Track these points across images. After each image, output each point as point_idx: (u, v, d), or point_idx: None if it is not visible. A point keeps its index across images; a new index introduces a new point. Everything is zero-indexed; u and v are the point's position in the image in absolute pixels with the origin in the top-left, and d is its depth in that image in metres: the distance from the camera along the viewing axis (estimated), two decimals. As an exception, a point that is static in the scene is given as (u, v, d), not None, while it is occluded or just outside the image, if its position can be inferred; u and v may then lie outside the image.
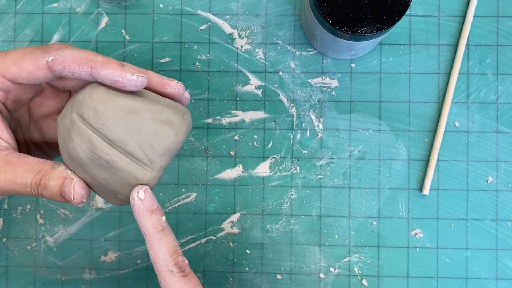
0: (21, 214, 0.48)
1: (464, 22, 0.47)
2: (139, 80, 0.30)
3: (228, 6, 0.48)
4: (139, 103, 0.30)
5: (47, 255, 0.48)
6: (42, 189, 0.31)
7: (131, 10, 0.48)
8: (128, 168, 0.30)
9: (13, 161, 0.31)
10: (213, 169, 0.48)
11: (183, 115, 0.32)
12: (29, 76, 0.32)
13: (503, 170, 0.46)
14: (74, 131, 0.30)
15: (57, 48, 0.31)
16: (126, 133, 0.30)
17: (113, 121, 0.30)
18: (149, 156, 0.30)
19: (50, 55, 0.31)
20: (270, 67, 0.47)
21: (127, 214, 0.48)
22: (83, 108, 0.30)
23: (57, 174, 0.31)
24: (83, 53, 0.31)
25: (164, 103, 0.31)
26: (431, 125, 0.47)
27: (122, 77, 0.30)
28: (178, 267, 0.31)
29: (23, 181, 0.31)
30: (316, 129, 0.47)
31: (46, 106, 0.36)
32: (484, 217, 0.46)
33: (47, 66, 0.31)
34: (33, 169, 0.31)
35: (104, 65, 0.30)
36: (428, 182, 0.46)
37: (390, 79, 0.47)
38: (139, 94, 0.31)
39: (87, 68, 0.31)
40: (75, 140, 0.30)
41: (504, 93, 0.47)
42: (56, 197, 0.31)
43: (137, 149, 0.30)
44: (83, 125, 0.30)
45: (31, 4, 0.48)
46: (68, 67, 0.31)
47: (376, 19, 0.38)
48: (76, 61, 0.31)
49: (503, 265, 0.46)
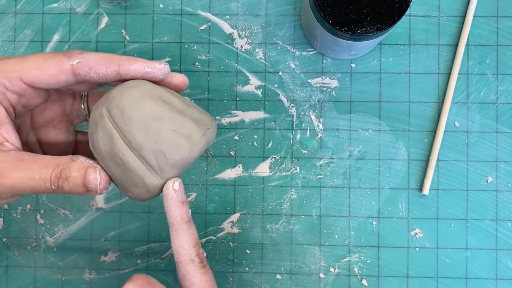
0: (21, 214, 0.48)
1: (464, 22, 0.47)
2: (166, 67, 0.33)
3: (228, 6, 0.48)
4: (164, 111, 0.31)
5: (47, 255, 0.48)
6: (63, 182, 0.31)
7: (131, 10, 0.48)
8: (138, 172, 0.31)
9: (26, 158, 0.31)
10: (213, 169, 0.48)
11: (205, 130, 0.32)
12: (50, 80, 0.32)
13: (503, 170, 0.46)
14: (100, 124, 0.32)
15: (80, 53, 0.32)
16: (144, 138, 0.31)
17: (135, 124, 0.31)
18: (160, 165, 0.31)
19: (74, 58, 0.32)
20: (270, 67, 0.47)
21: (127, 214, 0.48)
22: (112, 105, 0.31)
23: (78, 165, 0.31)
24: (106, 54, 0.32)
25: (191, 114, 0.32)
26: (431, 125, 0.47)
27: (152, 67, 0.32)
28: (199, 257, 0.33)
29: (42, 176, 0.31)
30: (316, 129, 0.47)
31: (50, 111, 0.36)
32: (484, 217, 0.46)
33: (72, 69, 0.32)
34: (50, 164, 0.31)
35: (131, 61, 0.32)
36: (428, 182, 0.46)
37: (390, 79, 0.47)
38: (169, 101, 0.32)
39: (114, 67, 0.32)
40: (99, 133, 0.32)
41: (504, 93, 0.47)
42: (78, 188, 0.31)
43: (151, 156, 0.31)
44: (108, 122, 0.31)
45: (31, 4, 0.48)
46: (94, 68, 0.32)
47: (376, 19, 0.38)
48: (102, 62, 0.32)
49: (503, 265, 0.46)
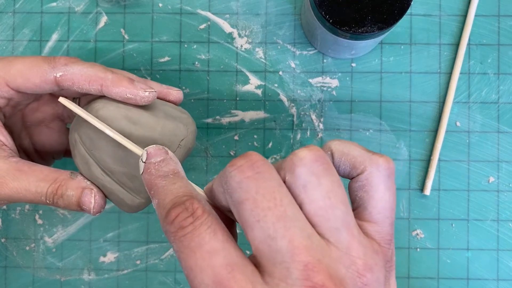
0: (20, 215, 0.48)
1: (465, 22, 0.46)
2: (151, 95, 0.31)
3: (228, 5, 0.47)
4: (133, 132, 0.30)
5: (46, 255, 0.48)
6: (58, 198, 0.31)
7: (130, 9, 0.48)
8: (118, 194, 0.31)
9: (24, 169, 0.31)
10: (213, 169, 0.47)
11: (179, 142, 0.32)
12: (35, 88, 0.31)
13: (505, 170, 0.46)
14: (76, 149, 0.32)
15: (64, 63, 0.31)
16: (116, 165, 0.31)
17: (104, 152, 0.30)
18: (136, 186, 0.31)
19: (58, 70, 0.31)
20: (270, 67, 0.47)
21: (126, 214, 0.47)
22: (81, 132, 0.31)
23: (76, 184, 0.31)
24: (92, 69, 0.31)
25: (162, 128, 0.31)
26: (432, 125, 0.47)
27: (134, 95, 0.31)
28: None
29: (38, 190, 0.31)
30: (316, 129, 0.47)
31: (41, 112, 0.36)
32: (485, 218, 0.46)
33: (55, 81, 0.31)
34: (47, 178, 0.31)
35: (115, 83, 0.31)
36: (429, 182, 0.46)
37: (391, 78, 0.47)
38: (138, 119, 0.31)
39: (97, 86, 0.31)
40: (77, 157, 0.32)
41: (505, 93, 0.46)
42: (72, 206, 0.31)
43: (126, 180, 0.31)
44: (82, 148, 0.31)
45: (30, 3, 0.48)
46: (77, 84, 0.31)
47: (376, 18, 0.37)
48: (85, 79, 0.31)
49: (504, 266, 0.46)
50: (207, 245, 0.22)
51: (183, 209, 0.23)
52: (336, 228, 0.23)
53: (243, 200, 0.22)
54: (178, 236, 0.22)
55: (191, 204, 0.23)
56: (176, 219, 0.23)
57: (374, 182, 0.25)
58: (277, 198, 0.22)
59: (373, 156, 0.25)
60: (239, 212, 0.23)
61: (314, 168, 0.23)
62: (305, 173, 0.23)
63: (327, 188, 0.23)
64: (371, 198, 0.25)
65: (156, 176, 0.26)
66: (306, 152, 0.23)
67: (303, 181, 0.23)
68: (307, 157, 0.23)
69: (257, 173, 0.22)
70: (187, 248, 0.22)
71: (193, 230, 0.22)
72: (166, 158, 0.27)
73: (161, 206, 0.24)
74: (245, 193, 0.22)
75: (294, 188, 0.23)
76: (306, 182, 0.23)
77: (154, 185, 0.26)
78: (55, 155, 0.38)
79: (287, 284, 0.21)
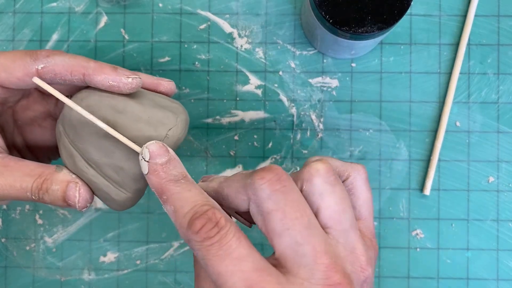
0: (20, 215, 0.48)
1: (465, 22, 0.46)
2: (134, 82, 0.30)
3: (228, 5, 0.48)
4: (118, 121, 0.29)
5: (46, 255, 0.48)
6: (44, 194, 0.30)
7: (130, 9, 0.48)
8: (104, 188, 0.30)
9: (11, 164, 0.30)
10: (213, 169, 0.47)
11: (167, 132, 0.30)
12: (18, 82, 0.31)
13: (504, 170, 0.46)
14: (61, 142, 0.31)
15: (46, 55, 0.31)
16: (100, 156, 0.30)
17: (88, 142, 0.30)
18: (122, 179, 0.30)
19: (40, 62, 0.31)
20: (270, 67, 0.47)
21: (126, 214, 0.47)
22: (65, 123, 0.30)
23: (60, 178, 0.30)
24: (74, 59, 0.31)
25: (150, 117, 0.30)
26: (432, 125, 0.47)
27: (117, 82, 0.30)
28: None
29: (23, 185, 0.30)
30: (316, 129, 0.47)
31: (32, 110, 0.36)
32: (485, 218, 0.46)
33: (37, 73, 0.31)
34: (33, 173, 0.30)
35: (96, 71, 0.30)
36: (429, 182, 0.46)
37: (390, 78, 0.47)
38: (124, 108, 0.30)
39: (79, 75, 0.30)
40: (62, 151, 0.31)
41: (505, 93, 0.46)
42: (58, 201, 0.30)
43: (111, 172, 0.30)
44: (66, 140, 0.30)
45: (30, 3, 0.48)
46: (60, 75, 0.31)
47: (376, 18, 0.37)
48: (67, 69, 0.30)
49: (504, 266, 0.46)
50: (235, 252, 0.24)
51: (206, 220, 0.25)
52: (346, 229, 0.26)
53: (272, 211, 0.25)
54: (205, 246, 0.24)
55: (213, 215, 0.25)
56: (201, 229, 0.25)
57: (358, 185, 0.29)
58: (302, 209, 0.26)
59: (353, 164, 0.30)
60: (267, 221, 0.26)
61: (328, 178, 0.27)
62: (321, 182, 0.27)
63: (339, 194, 0.27)
64: (358, 198, 0.29)
65: (167, 180, 0.27)
66: (321, 165, 0.27)
67: (320, 189, 0.27)
68: (322, 168, 0.27)
69: (284, 186, 0.26)
70: (215, 256, 0.24)
71: (220, 240, 0.24)
72: (170, 158, 0.28)
73: (179, 214, 0.26)
74: (275, 204, 0.25)
75: (311, 196, 0.27)
76: (322, 190, 0.27)
77: (167, 191, 0.27)
78: (51, 155, 0.38)
79: (311, 283, 0.24)
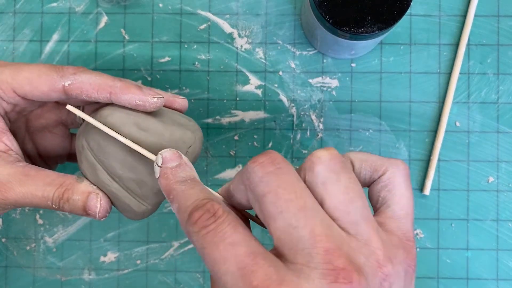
0: (20, 215, 0.48)
1: (465, 22, 0.46)
2: (159, 101, 0.32)
3: (228, 5, 0.48)
4: (142, 138, 0.31)
5: (46, 255, 0.48)
6: (64, 203, 0.31)
7: (130, 9, 0.48)
8: (125, 200, 0.32)
9: (32, 173, 0.31)
10: (213, 169, 0.47)
11: (187, 149, 0.32)
12: (42, 96, 0.32)
13: (504, 170, 0.46)
14: (83, 155, 0.32)
15: (73, 73, 0.32)
16: (123, 171, 0.31)
17: (112, 158, 0.31)
18: (144, 193, 0.32)
19: (66, 79, 0.31)
20: (270, 67, 0.47)
21: (127, 214, 0.48)
22: (89, 138, 0.31)
23: (82, 189, 0.31)
24: (100, 78, 0.32)
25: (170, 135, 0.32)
26: (431, 125, 0.47)
27: (143, 101, 0.31)
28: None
29: (45, 194, 0.31)
30: (316, 129, 0.47)
31: (45, 118, 0.36)
32: (485, 218, 0.46)
33: (63, 90, 0.31)
34: (54, 182, 0.31)
35: (124, 90, 0.31)
36: (428, 182, 0.46)
37: (390, 78, 0.47)
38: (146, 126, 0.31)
39: (106, 94, 0.31)
40: (84, 163, 0.32)
41: (505, 93, 0.47)
42: (77, 211, 0.31)
43: (133, 186, 0.31)
44: (89, 153, 0.31)
45: (30, 3, 0.48)
46: (86, 92, 0.32)
47: (376, 18, 0.37)
48: (94, 87, 0.31)
49: (504, 266, 0.46)
50: (229, 238, 0.23)
51: (204, 211, 0.24)
52: (356, 220, 0.24)
53: (265, 193, 0.24)
54: (201, 234, 0.24)
55: (212, 206, 0.24)
56: (199, 220, 0.24)
57: (396, 181, 0.27)
58: (297, 191, 0.24)
59: (392, 159, 0.27)
60: (261, 205, 0.24)
61: (332, 165, 0.25)
62: (324, 170, 0.25)
63: (345, 183, 0.24)
64: (394, 196, 0.27)
65: (174, 181, 0.27)
66: (323, 152, 0.25)
67: (322, 178, 0.24)
68: (325, 155, 0.25)
69: (278, 168, 0.24)
70: (210, 243, 0.23)
71: (216, 227, 0.24)
72: (181, 163, 0.28)
73: (182, 209, 0.26)
74: (267, 186, 0.24)
75: (314, 186, 0.25)
76: (325, 178, 0.24)
77: (173, 190, 0.27)
78: (59, 159, 0.39)
79: (310, 267, 0.22)
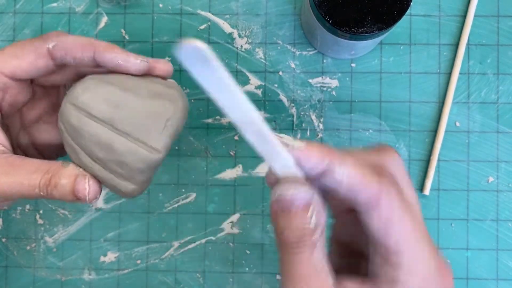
0: (21, 215, 0.48)
1: (465, 22, 0.46)
2: (142, 64, 0.32)
3: (228, 5, 0.48)
4: (115, 117, 0.30)
5: (46, 255, 0.48)
6: (52, 189, 0.30)
7: (130, 9, 0.48)
8: (110, 182, 0.31)
9: (17, 163, 0.31)
10: (213, 169, 0.47)
11: (165, 123, 0.30)
12: (29, 67, 0.31)
13: (504, 170, 0.46)
14: (64, 139, 0.31)
15: (56, 35, 0.31)
16: (102, 154, 0.30)
17: (89, 141, 0.30)
18: (127, 173, 0.30)
19: (50, 41, 0.31)
20: (270, 67, 0.47)
21: (127, 214, 0.48)
22: (64, 120, 0.31)
23: (68, 172, 0.30)
24: (84, 38, 0.31)
25: (148, 108, 0.30)
26: (431, 125, 0.47)
27: (125, 61, 0.31)
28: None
29: (31, 182, 0.30)
30: (316, 129, 0.47)
31: (37, 108, 0.36)
32: (485, 218, 0.46)
33: (48, 53, 0.31)
34: (40, 169, 0.30)
35: (107, 48, 0.31)
36: (428, 182, 0.46)
37: (390, 79, 0.47)
38: (121, 100, 0.30)
39: (90, 53, 0.31)
40: (66, 146, 0.31)
41: (505, 93, 0.47)
42: (67, 196, 0.30)
43: (116, 167, 0.30)
44: (68, 137, 0.31)
45: (30, 3, 0.48)
46: (70, 53, 0.31)
47: (376, 18, 0.37)
48: (78, 46, 0.31)
49: (504, 266, 0.46)
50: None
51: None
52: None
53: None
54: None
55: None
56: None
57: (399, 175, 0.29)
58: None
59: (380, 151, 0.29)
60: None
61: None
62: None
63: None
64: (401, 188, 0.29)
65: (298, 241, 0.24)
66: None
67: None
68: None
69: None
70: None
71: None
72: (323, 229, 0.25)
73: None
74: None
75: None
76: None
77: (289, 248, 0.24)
78: (58, 152, 0.38)
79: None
